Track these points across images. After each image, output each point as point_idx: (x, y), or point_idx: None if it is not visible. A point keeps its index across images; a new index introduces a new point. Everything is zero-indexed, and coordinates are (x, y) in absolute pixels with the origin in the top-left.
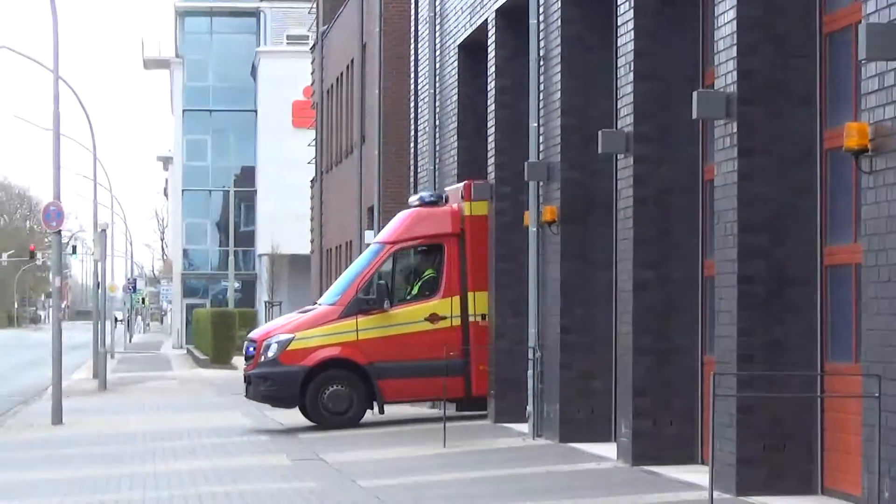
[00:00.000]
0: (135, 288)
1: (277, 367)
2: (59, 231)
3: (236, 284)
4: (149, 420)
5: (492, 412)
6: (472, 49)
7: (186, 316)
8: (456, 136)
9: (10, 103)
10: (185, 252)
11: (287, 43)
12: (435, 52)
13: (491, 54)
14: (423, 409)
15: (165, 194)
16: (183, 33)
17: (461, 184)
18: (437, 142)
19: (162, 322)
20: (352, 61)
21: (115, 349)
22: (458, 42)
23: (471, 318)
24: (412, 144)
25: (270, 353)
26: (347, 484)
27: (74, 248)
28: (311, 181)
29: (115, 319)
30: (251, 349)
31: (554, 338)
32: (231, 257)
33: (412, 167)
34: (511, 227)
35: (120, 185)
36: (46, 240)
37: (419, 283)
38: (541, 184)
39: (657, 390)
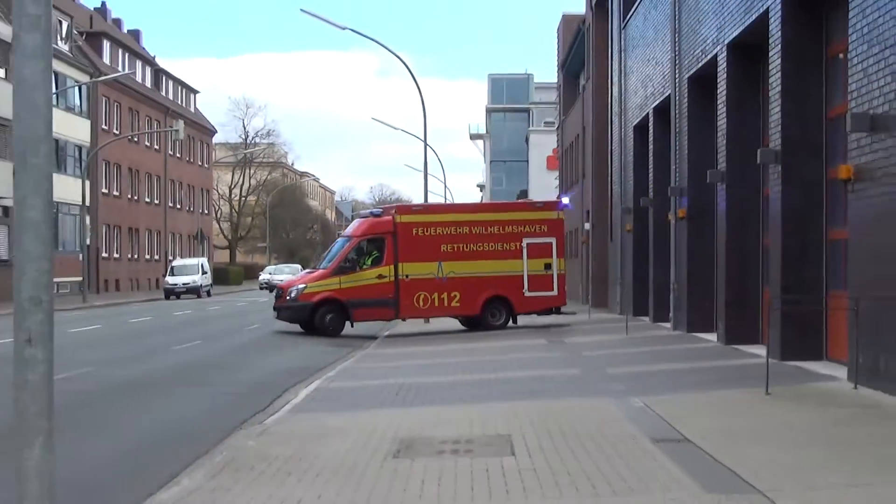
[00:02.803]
0: None
1: (297, 302)
2: None
3: None
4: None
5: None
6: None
7: None
8: (632, 171)
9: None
10: None
11: (545, 125)
12: (621, 131)
13: (650, 139)
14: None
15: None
16: (491, 121)
17: (394, 205)
18: (623, 174)
19: None
20: (577, 136)
21: None
22: (634, 124)
23: (400, 277)
24: (609, 178)
25: (293, 294)
26: (580, 353)
27: None
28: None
29: None
30: (279, 293)
31: None
32: None
33: (609, 191)
34: None
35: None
36: None
37: (372, 258)
38: None
39: None
